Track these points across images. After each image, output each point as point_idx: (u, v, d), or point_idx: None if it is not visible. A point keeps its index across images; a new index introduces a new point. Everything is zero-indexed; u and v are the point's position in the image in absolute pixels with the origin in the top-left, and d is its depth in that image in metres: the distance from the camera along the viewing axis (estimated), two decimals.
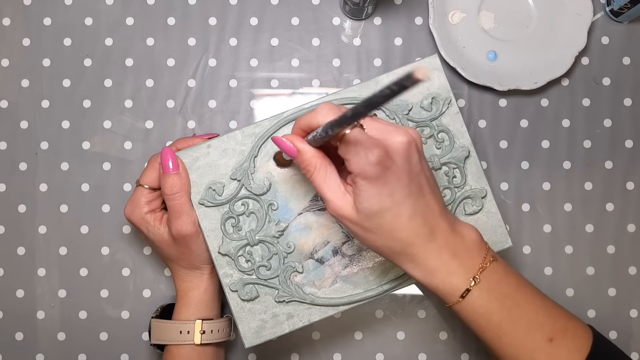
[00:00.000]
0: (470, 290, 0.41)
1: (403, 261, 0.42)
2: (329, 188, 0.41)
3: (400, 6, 0.62)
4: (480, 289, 0.41)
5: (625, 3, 0.58)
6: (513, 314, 0.42)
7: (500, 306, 0.42)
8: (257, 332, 0.49)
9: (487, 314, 0.42)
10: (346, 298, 0.49)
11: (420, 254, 0.41)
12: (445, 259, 0.41)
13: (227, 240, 0.49)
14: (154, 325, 0.52)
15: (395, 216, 0.40)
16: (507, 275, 0.43)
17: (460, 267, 0.41)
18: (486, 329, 0.43)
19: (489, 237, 0.50)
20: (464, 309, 0.42)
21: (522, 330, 0.42)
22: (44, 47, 0.62)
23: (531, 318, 0.43)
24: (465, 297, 0.41)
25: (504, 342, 0.42)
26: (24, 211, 0.61)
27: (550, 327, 0.43)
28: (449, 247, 0.41)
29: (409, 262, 0.41)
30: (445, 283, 0.41)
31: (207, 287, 0.52)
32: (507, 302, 0.42)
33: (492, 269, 0.42)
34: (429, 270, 0.41)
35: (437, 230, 0.41)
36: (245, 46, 0.62)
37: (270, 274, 0.49)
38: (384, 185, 0.39)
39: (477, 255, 0.42)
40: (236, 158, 0.49)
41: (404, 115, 0.50)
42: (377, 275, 0.50)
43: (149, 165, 0.51)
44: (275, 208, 0.49)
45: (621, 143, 0.61)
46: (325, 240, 0.50)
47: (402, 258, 0.41)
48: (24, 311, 0.60)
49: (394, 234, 0.40)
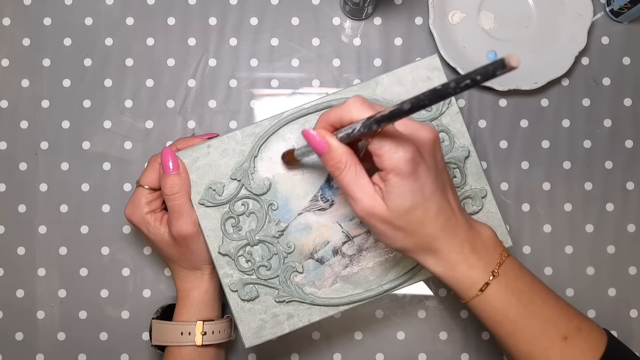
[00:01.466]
0: (489, 284, 0.42)
1: (426, 257, 0.42)
2: (358, 186, 0.40)
3: (400, 6, 0.62)
4: (499, 283, 0.42)
5: (625, 3, 0.58)
6: (529, 310, 0.43)
7: (517, 301, 0.42)
8: (257, 332, 0.49)
9: (505, 308, 0.42)
10: (346, 298, 0.49)
11: (444, 248, 0.41)
12: (466, 253, 0.42)
13: (227, 240, 0.49)
14: (155, 326, 0.52)
15: (425, 212, 0.40)
16: (522, 272, 0.44)
17: (480, 262, 0.42)
18: (502, 325, 0.43)
19: None
20: (481, 303, 0.43)
21: (537, 327, 0.43)
22: (44, 47, 0.62)
23: (546, 315, 0.43)
24: (484, 291, 0.42)
25: (519, 338, 0.43)
26: (24, 211, 0.61)
27: (565, 325, 0.43)
28: (468, 242, 0.42)
29: (432, 257, 0.42)
30: (465, 277, 0.42)
31: (207, 287, 0.52)
32: (524, 297, 0.43)
33: (509, 265, 0.43)
34: (451, 264, 0.42)
35: (458, 225, 0.42)
36: (245, 46, 0.62)
37: (271, 274, 0.49)
38: (415, 182, 0.39)
39: (493, 251, 0.43)
40: (236, 158, 0.49)
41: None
42: (377, 275, 0.50)
43: (149, 165, 0.51)
44: (275, 208, 0.49)
45: (621, 143, 0.61)
46: (325, 240, 0.50)
47: (426, 253, 0.42)
48: (24, 311, 0.60)
49: (421, 230, 0.40)
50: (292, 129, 0.50)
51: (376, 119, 0.36)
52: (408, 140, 0.38)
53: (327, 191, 0.50)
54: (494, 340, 0.54)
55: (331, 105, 0.49)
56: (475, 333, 0.60)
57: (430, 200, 0.40)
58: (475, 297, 0.42)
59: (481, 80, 0.29)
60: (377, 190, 0.40)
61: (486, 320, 0.43)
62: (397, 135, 0.38)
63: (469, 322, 0.60)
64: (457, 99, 0.61)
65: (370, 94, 0.50)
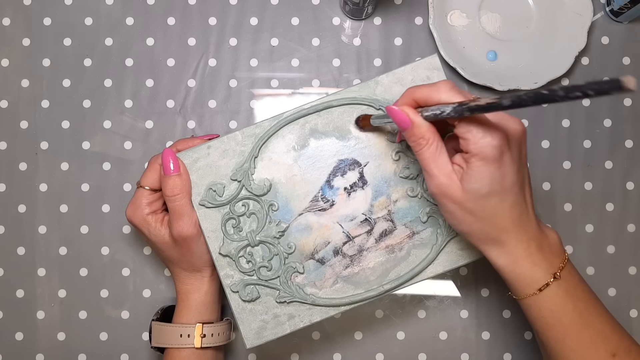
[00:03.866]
0: (549, 285, 0.42)
1: (491, 247, 0.42)
2: (437, 164, 0.40)
3: (400, 6, 0.62)
4: (559, 286, 0.42)
5: (625, 3, 0.58)
6: (584, 319, 0.43)
7: (572, 308, 0.42)
8: (258, 333, 0.49)
9: (559, 312, 0.42)
10: (347, 298, 0.49)
11: (511, 242, 0.42)
12: (532, 250, 0.42)
13: (228, 241, 0.49)
14: (155, 328, 0.52)
15: (500, 201, 0.40)
16: (581, 282, 0.44)
17: (544, 261, 0.42)
18: (553, 329, 0.43)
19: None
20: (536, 302, 0.43)
21: (588, 338, 0.43)
22: (44, 47, 0.62)
23: (599, 329, 0.43)
24: (542, 291, 0.42)
25: (566, 345, 0.43)
26: (24, 211, 0.61)
27: (616, 343, 0.43)
28: (536, 241, 0.42)
29: (497, 249, 0.42)
30: (527, 274, 0.42)
31: (207, 289, 0.52)
32: (580, 306, 0.43)
33: (570, 272, 0.43)
34: (515, 258, 0.42)
35: (529, 222, 0.42)
36: (245, 46, 0.62)
37: (271, 274, 0.49)
38: (498, 169, 0.39)
39: (558, 255, 0.43)
40: (236, 159, 0.49)
41: None
42: (378, 276, 0.50)
43: (150, 166, 0.51)
44: (276, 209, 0.49)
45: (621, 143, 0.61)
46: (326, 241, 0.50)
47: (491, 243, 0.42)
48: (24, 311, 0.60)
49: (493, 219, 0.41)
50: (292, 130, 0.50)
51: (470, 107, 0.37)
52: (497, 128, 0.39)
53: (328, 191, 0.50)
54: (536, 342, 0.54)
55: (331, 105, 0.49)
56: (475, 333, 0.60)
57: (509, 192, 0.40)
58: (532, 296, 0.42)
59: (593, 95, 0.28)
60: (457, 170, 0.40)
61: (536, 321, 0.44)
62: (486, 122, 0.39)
63: (469, 322, 0.60)
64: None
65: (370, 94, 0.50)
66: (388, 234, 0.50)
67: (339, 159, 0.50)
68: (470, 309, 0.60)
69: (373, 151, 0.50)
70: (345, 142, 0.50)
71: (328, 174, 0.50)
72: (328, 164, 0.50)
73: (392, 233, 0.50)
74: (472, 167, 0.39)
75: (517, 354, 0.60)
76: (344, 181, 0.50)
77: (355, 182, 0.50)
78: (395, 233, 0.50)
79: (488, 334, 0.60)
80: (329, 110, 0.50)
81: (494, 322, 0.60)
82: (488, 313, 0.60)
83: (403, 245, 0.50)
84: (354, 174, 0.50)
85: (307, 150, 0.50)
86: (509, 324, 0.60)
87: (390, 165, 0.50)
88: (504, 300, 0.60)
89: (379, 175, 0.50)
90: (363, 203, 0.50)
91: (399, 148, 0.49)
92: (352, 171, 0.50)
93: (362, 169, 0.50)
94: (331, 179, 0.50)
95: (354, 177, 0.50)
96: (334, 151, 0.50)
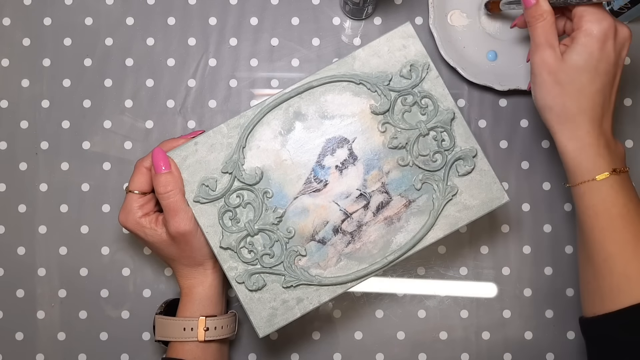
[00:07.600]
0: (607, 177, 0.46)
1: (563, 126, 0.46)
2: (545, 35, 0.46)
3: (400, 6, 0.62)
4: (615, 180, 0.46)
5: (625, 3, 0.58)
6: (631, 216, 0.46)
7: (623, 204, 0.46)
8: (269, 321, 0.49)
9: (610, 203, 0.46)
10: (353, 274, 0.49)
11: (585, 126, 0.46)
12: (601, 143, 0.46)
13: (227, 233, 0.49)
14: (158, 321, 0.52)
15: (590, 81, 0.45)
16: (636, 194, 0.48)
17: (608, 156, 0.46)
18: (600, 217, 0.46)
19: (485, 195, 0.50)
20: (590, 189, 0.46)
21: (631, 235, 0.45)
22: (44, 47, 0.62)
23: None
24: (600, 180, 0.46)
25: (608, 236, 0.46)
26: (24, 211, 0.61)
27: None
28: (605, 138, 0.47)
29: (569, 130, 0.46)
30: (589, 161, 0.46)
31: (211, 282, 0.52)
32: (630, 206, 0.46)
33: (628, 178, 0.47)
34: (584, 144, 0.46)
35: (605, 120, 0.47)
36: (245, 46, 0.62)
37: (274, 261, 0.49)
38: (598, 50, 0.45)
39: (621, 160, 0.48)
40: (225, 151, 0.49)
41: (385, 86, 0.50)
42: (380, 248, 0.50)
43: (136, 170, 0.51)
44: (270, 195, 0.50)
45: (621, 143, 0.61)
46: (324, 221, 0.50)
47: (565, 122, 0.46)
48: (24, 311, 0.60)
49: (577, 96, 0.45)
50: (276, 115, 0.50)
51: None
52: (611, 19, 0.45)
53: (319, 171, 0.50)
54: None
55: (312, 86, 0.49)
56: (475, 333, 0.60)
57: (600, 76, 0.45)
58: (588, 182, 0.46)
59: None
60: (562, 46, 0.47)
61: (586, 210, 0.47)
62: (604, 12, 0.45)
63: (469, 322, 0.60)
64: (457, 98, 0.61)
65: (349, 69, 0.50)
66: (385, 206, 0.50)
67: (326, 138, 0.50)
68: (470, 309, 0.60)
69: (359, 126, 0.50)
70: (331, 121, 0.50)
71: (317, 154, 0.50)
72: (316, 145, 0.50)
73: (388, 204, 0.50)
74: (577, 42, 0.45)
75: (518, 354, 0.60)
76: (334, 159, 0.50)
77: (346, 159, 0.50)
78: (391, 204, 0.50)
79: (488, 334, 0.60)
80: (310, 91, 0.50)
81: (494, 322, 0.60)
82: (488, 313, 0.60)
83: (401, 215, 0.50)
84: (344, 151, 0.50)
85: (293, 134, 0.50)
86: (509, 324, 0.60)
87: (378, 138, 0.50)
88: (504, 300, 0.60)
89: (368, 149, 0.50)
90: (356, 179, 0.50)
91: (384, 119, 0.50)
92: (341, 149, 0.50)
93: (350, 145, 0.50)
94: (321, 159, 0.50)
95: (343, 154, 0.50)
96: (320, 131, 0.50)
